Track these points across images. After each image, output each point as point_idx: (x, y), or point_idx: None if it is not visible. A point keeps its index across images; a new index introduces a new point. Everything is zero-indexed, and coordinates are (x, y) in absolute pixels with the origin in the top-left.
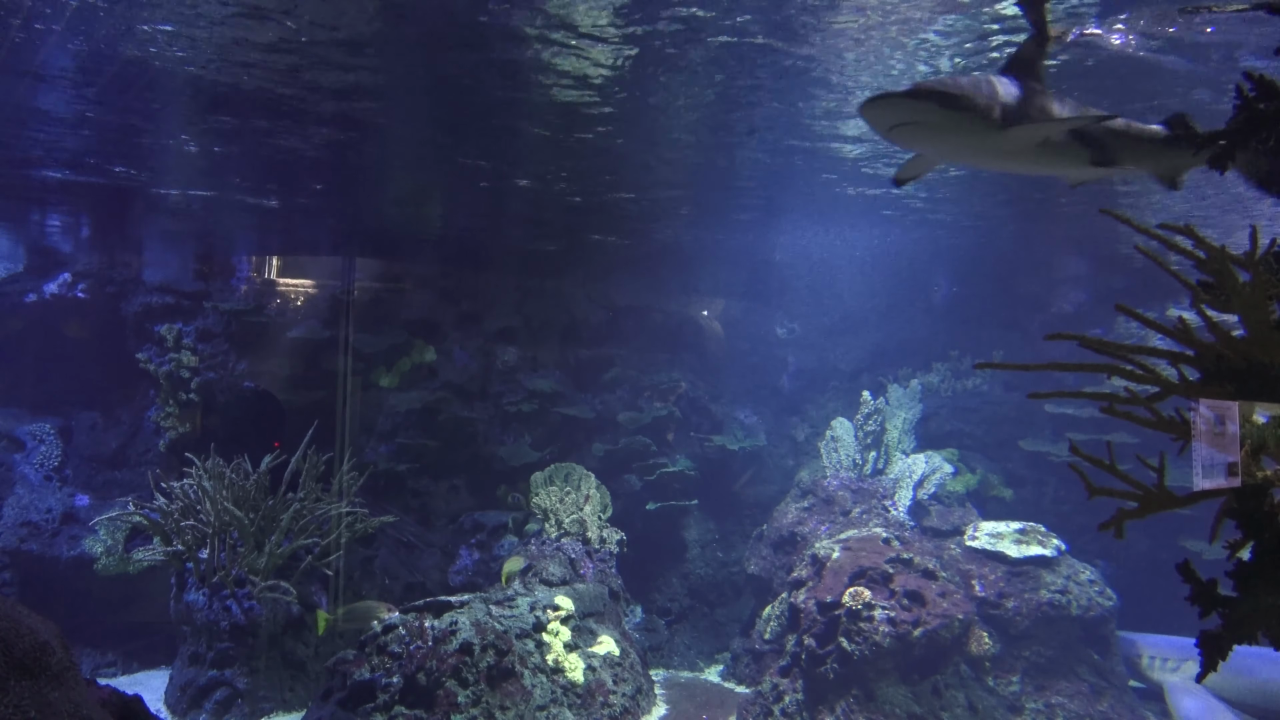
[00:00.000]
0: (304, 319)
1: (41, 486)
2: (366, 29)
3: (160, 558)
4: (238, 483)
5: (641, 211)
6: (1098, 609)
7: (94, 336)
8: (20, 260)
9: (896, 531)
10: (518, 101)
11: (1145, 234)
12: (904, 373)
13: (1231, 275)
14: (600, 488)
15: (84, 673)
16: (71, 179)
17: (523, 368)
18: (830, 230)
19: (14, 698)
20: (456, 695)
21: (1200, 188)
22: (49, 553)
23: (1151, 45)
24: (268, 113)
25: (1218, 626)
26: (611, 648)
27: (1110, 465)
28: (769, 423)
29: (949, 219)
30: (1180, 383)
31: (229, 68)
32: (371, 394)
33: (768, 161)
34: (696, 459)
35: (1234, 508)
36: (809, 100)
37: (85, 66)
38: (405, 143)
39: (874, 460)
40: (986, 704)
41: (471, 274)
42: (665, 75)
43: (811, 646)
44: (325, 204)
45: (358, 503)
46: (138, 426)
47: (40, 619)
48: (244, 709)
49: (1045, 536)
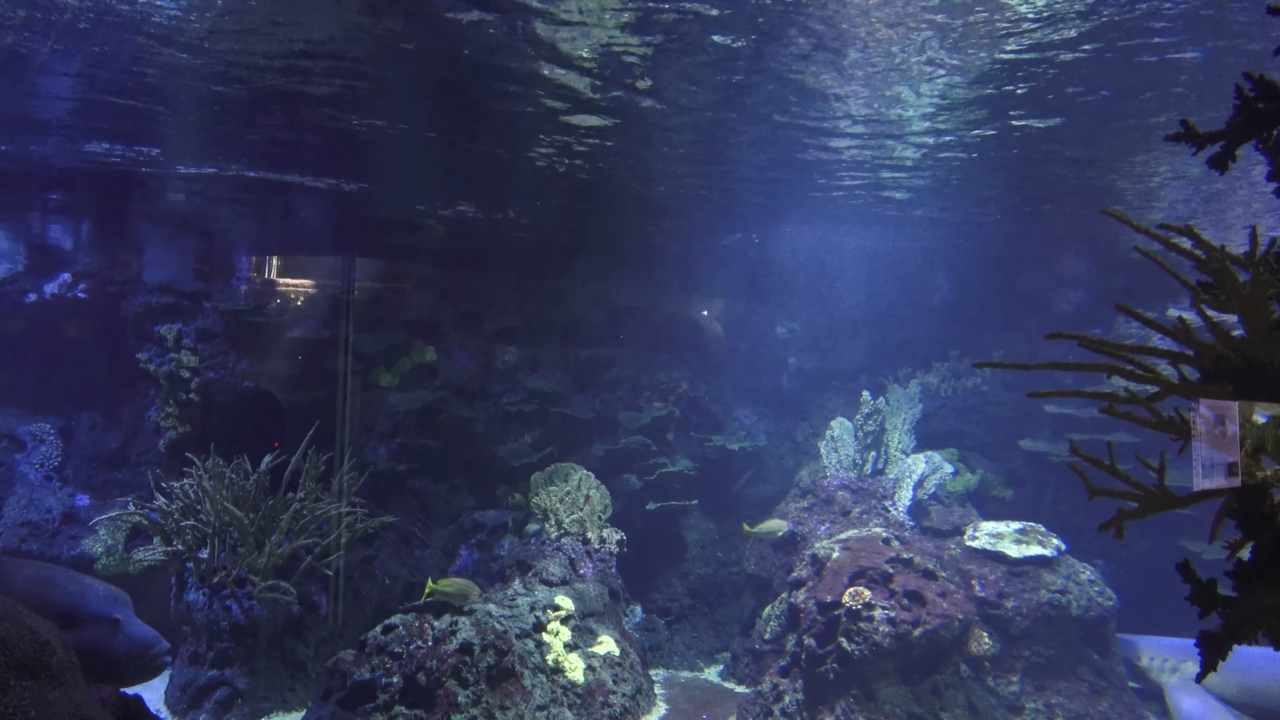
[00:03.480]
0: (304, 319)
1: (41, 486)
2: (368, 42)
3: (160, 558)
4: (238, 483)
5: (642, 210)
6: (1098, 609)
7: (94, 336)
8: (20, 260)
9: (896, 531)
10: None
11: (1145, 234)
12: (904, 373)
13: (1231, 275)
14: (600, 488)
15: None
16: (75, 164)
17: (523, 368)
18: (830, 230)
19: (14, 697)
20: (456, 695)
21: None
22: (49, 553)
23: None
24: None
25: (1218, 626)
26: (611, 648)
27: (1110, 465)
28: (769, 423)
29: (949, 219)
30: (1180, 383)
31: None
32: (371, 394)
33: (767, 162)
34: (696, 459)
35: (1234, 508)
36: (810, 101)
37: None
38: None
39: (874, 460)
40: (986, 704)
41: (471, 274)
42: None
43: (811, 646)
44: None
45: (358, 503)
46: (138, 426)
47: (40, 619)
48: (244, 709)
49: (1045, 536)
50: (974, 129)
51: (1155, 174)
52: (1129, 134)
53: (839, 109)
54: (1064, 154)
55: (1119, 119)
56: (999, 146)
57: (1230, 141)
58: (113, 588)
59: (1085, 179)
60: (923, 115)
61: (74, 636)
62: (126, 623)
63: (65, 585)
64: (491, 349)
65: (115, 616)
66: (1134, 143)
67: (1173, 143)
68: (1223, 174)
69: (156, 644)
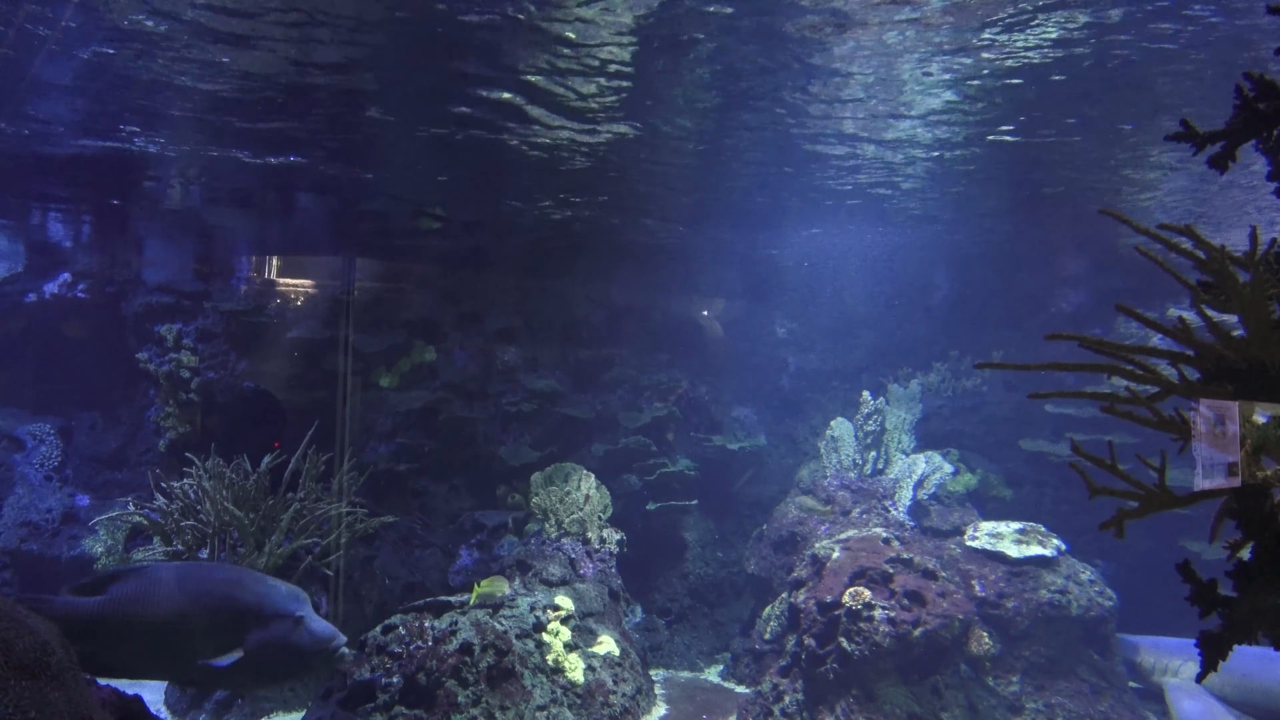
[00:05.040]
0: (304, 319)
1: (41, 486)
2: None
3: (160, 558)
4: (238, 483)
5: (641, 208)
6: (1098, 609)
7: (94, 336)
8: (20, 260)
9: (896, 531)
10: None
11: (1145, 234)
12: (904, 373)
13: (1231, 275)
14: (600, 488)
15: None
16: (76, 149)
17: (523, 368)
18: (830, 230)
19: (14, 697)
20: (456, 695)
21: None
22: (49, 553)
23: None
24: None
25: (1218, 626)
26: (611, 648)
27: (1111, 465)
28: (769, 423)
29: (949, 219)
30: (1180, 383)
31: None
32: (371, 394)
33: (768, 162)
34: (696, 459)
35: (1234, 508)
36: (810, 101)
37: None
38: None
39: (874, 460)
40: (986, 704)
41: (471, 274)
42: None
43: (811, 646)
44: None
45: (358, 503)
46: (138, 426)
47: (40, 619)
48: (244, 709)
49: (1045, 536)
50: (974, 140)
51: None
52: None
53: (839, 110)
54: (1070, 161)
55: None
56: (1001, 153)
57: (1230, 141)
58: (294, 587)
59: (1087, 183)
60: (924, 123)
61: (264, 633)
62: (308, 618)
63: (252, 586)
64: (491, 349)
65: (299, 614)
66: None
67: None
68: (1223, 174)
69: (335, 637)
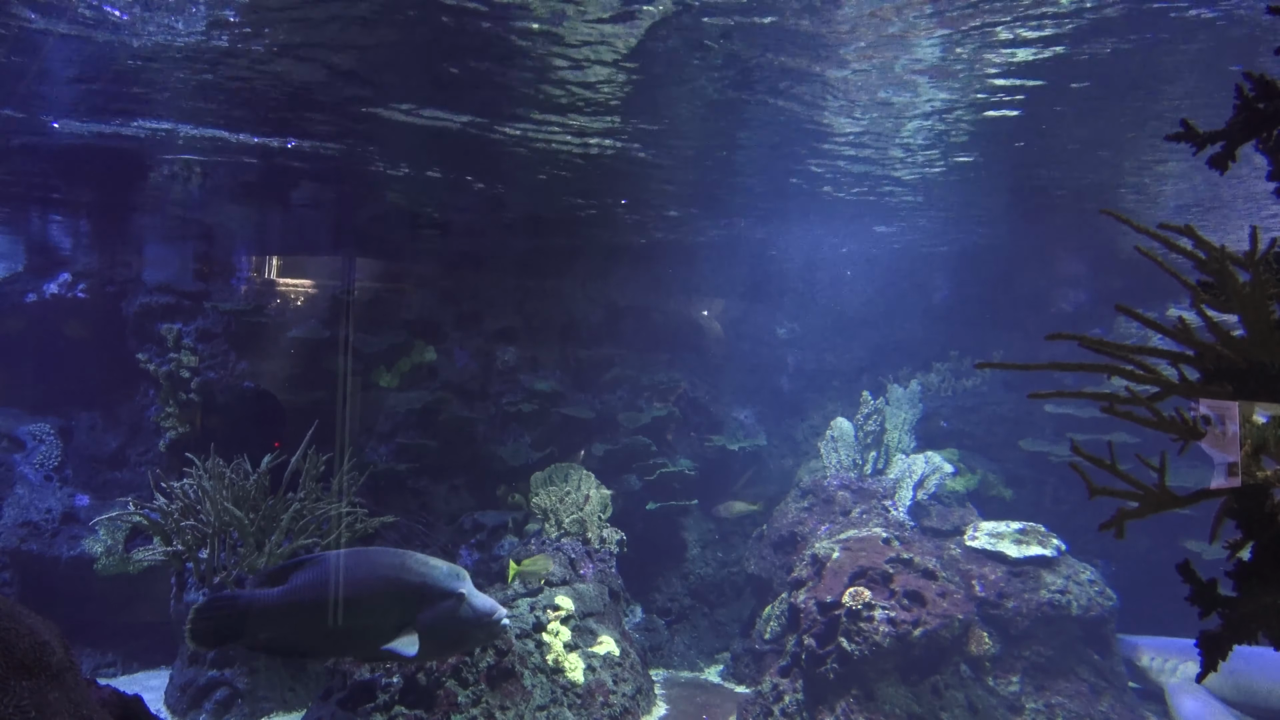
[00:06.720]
0: (304, 319)
1: (41, 486)
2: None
3: (160, 558)
4: (238, 483)
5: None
6: (1098, 609)
7: (94, 336)
8: (20, 260)
9: (896, 531)
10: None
11: (1145, 234)
12: (904, 373)
13: (1231, 275)
14: (600, 488)
15: (84, 673)
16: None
17: (523, 368)
18: (830, 230)
19: (14, 697)
20: (456, 695)
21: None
22: (49, 553)
23: None
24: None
25: (1218, 626)
26: (611, 648)
27: (1111, 465)
28: (769, 423)
29: (949, 219)
30: (1180, 383)
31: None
32: (371, 394)
33: (768, 163)
34: (696, 459)
35: (1234, 508)
36: (810, 102)
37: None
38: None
39: (874, 460)
40: (986, 704)
41: (471, 274)
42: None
43: (811, 646)
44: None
45: (358, 502)
46: (138, 426)
47: (40, 619)
48: (244, 709)
49: (1045, 536)
50: (974, 140)
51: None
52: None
53: (839, 108)
54: (1072, 162)
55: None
56: (1001, 154)
57: (1230, 141)
58: (454, 566)
59: (1087, 184)
60: (922, 125)
61: (433, 612)
62: (470, 595)
63: (416, 568)
64: (491, 349)
65: (461, 591)
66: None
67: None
68: (1223, 174)
69: (495, 610)
